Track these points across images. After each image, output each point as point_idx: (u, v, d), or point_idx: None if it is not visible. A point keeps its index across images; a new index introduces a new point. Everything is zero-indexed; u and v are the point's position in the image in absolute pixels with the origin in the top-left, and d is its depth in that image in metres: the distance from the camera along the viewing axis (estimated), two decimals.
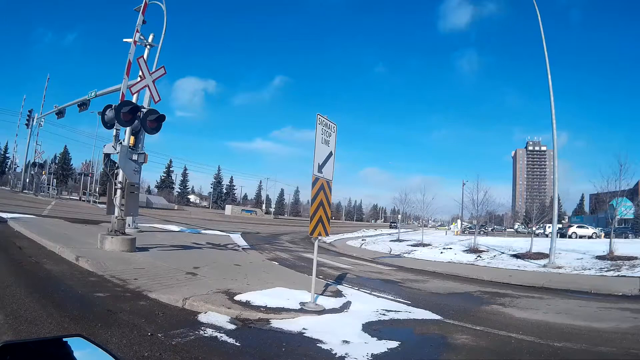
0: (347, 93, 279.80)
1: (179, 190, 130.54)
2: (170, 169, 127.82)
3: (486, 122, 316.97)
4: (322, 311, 7.99)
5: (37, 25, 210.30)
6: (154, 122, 13.27)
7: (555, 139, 21.82)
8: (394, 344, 6.33)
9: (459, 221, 69.29)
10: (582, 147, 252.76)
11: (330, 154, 8.90)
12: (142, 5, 14.26)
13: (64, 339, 1.62)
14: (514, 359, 6.11)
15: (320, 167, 8.56)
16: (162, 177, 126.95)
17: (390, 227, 54.30)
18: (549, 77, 21.46)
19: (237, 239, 26.06)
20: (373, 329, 7.22)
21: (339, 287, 11.38)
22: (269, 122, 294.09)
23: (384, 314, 8.49)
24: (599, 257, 21.36)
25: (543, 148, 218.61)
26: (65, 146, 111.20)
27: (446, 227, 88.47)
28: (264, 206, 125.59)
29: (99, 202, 55.17)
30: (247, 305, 7.72)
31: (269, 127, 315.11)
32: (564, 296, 12.77)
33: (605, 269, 18.59)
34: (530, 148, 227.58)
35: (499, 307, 10.55)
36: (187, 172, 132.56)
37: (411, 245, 33.83)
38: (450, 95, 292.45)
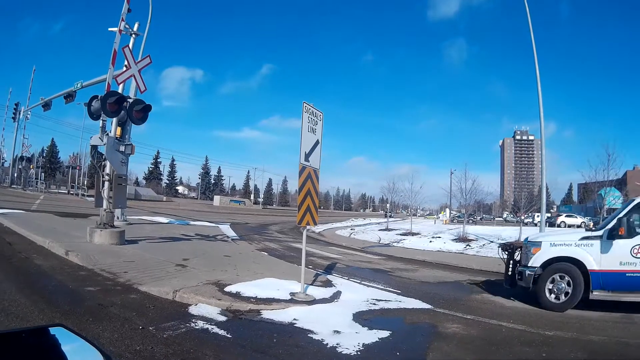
0: (335, 82, 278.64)
1: (167, 182, 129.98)
2: (158, 160, 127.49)
3: (474, 111, 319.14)
4: (313, 301, 8.01)
5: (23, 16, 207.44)
6: (140, 112, 13.19)
7: (543, 128, 21.83)
8: (384, 333, 6.36)
9: (447, 210, 69.72)
10: (570, 137, 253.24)
11: (317, 142, 8.89)
12: None
13: (45, 329, 1.61)
14: (505, 347, 6.13)
15: (307, 156, 8.55)
16: (150, 169, 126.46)
17: (386, 216, 54.23)
18: (536, 66, 21.44)
19: (226, 229, 26.02)
20: (364, 318, 7.26)
21: (329, 276, 11.41)
22: (256, 111, 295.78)
23: (374, 304, 8.53)
24: None
25: (531, 137, 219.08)
26: (53, 139, 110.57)
27: (435, 216, 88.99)
28: (252, 196, 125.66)
29: (88, 195, 54.82)
30: (237, 296, 7.73)
31: (257, 116, 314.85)
32: None
33: None
34: (518, 137, 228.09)
35: (489, 295, 10.67)
36: (174, 163, 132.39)
37: (400, 234, 33.95)
38: (438, 84, 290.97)
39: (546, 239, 9.92)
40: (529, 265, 9.59)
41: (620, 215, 9.12)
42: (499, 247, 11.57)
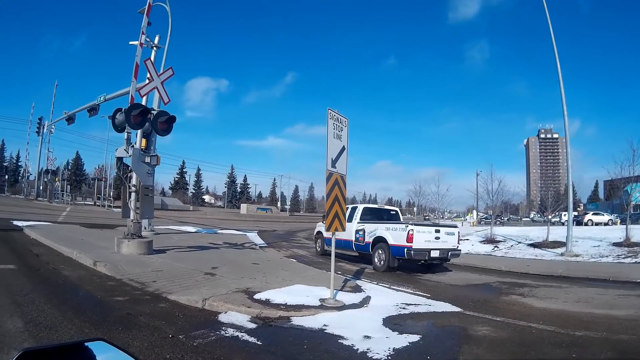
0: (359, 87, 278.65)
1: (193, 191, 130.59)
2: (184, 170, 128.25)
3: (498, 111, 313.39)
4: (342, 307, 7.95)
5: (44, 33, 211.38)
6: (165, 123, 13.24)
7: (567, 125, 21.61)
8: (415, 337, 6.29)
9: (474, 212, 68.98)
10: (594, 133, 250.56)
11: (343, 148, 8.86)
12: (146, 7, 14.20)
13: (85, 344, 1.59)
14: (535, 349, 6.02)
15: (334, 162, 8.52)
16: (176, 179, 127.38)
17: (425, 219, 53.83)
18: (558, 64, 21.31)
19: (254, 237, 26.09)
20: (393, 323, 7.19)
21: (358, 282, 11.38)
22: (281, 119, 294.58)
23: (403, 308, 8.45)
24: (616, 244, 21.12)
25: (555, 135, 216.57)
26: (77, 152, 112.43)
27: (462, 219, 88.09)
28: (279, 203, 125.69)
29: (114, 206, 55.46)
30: (267, 303, 7.69)
31: (281, 125, 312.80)
32: (582, 284, 12.78)
33: (623, 256, 18.42)
34: (542, 136, 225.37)
35: (518, 297, 10.55)
36: (200, 172, 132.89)
37: None
38: (461, 86, 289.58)
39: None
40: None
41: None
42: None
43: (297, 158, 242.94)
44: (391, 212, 19.33)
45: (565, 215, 35.45)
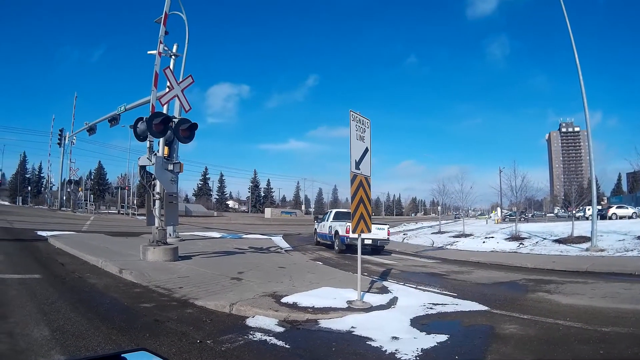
0: (380, 87, 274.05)
1: (217, 197, 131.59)
2: (207, 176, 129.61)
3: (519, 106, 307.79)
4: (370, 308, 7.91)
5: (62, 45, 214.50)
6: (187, 130, 13.28)
7: (588, 118, 21.43)
8: (442, 337, 6.26)
9: (498, 209, 68.21)
10: (616, 124, 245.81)
11: (366, 149, 8.82)
12: (163, 16, 14.27)
13: (126, 354, 1.55)
14: (562, 346, 5.94)
15: (358, 164, 8.50)
16: (199, 185, 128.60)
17: (455, 218, 53.61)
18: (576, 55, 21.05)
19: (279, 241, 26.25)
20: (421, 323, 7.18)
21: (385, 283, 11.35)
22: (303, 122, 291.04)
23: (431, 308, 8.45)
24: None
25: (577, 129, 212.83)
26: (100, 161, 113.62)
27: (486, 216, 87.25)
28: (303, 207, 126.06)
29: (138, 214, 56.08)
30: (294, 307, 7.66)
31: (304, 128, 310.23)
32: (608, 279, 12.72)
33: None
34: (563, 130, 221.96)
35: (544, 294, 10.49)
36: (223, 178, 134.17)
37: (453, 237, 33.67)
38: (481, 82, 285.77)
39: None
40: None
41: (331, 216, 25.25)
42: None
43: (320, 160, 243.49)
44: None
45: (589, 209, 34.96)
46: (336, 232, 22.22)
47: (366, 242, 20.45)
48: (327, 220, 24.82)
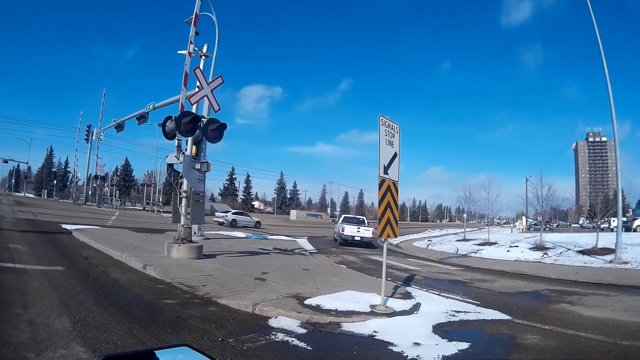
0: (413, 93, 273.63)
1: (243, 197, 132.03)
2: (233, 176, 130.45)
3: (548, 115, 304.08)
4: (392, 313, 7.90)
5: (94, 43, 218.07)
6: (215, 130, 13.35)
7: (616, 128, 20.91)
8: (464, 345, 6.24)
9: (523, 218, 67.37)
10: None
11: (395, 154, 8.81)
12: (193, 17, 14.39)
13: (168, 349, 1.57)
14: (582, 358, 5.90)
15: (386, 169, 8.50)
16: (226, 185, 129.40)
17: (487, 225, 53.28)
18: (604, 64, 20.70)
19: (304, 243, 26.37)
20: (443, 330, 7.16)
21: (408, 288, 11.31)
22: (334, 126, 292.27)
23: (453, 315, 8.41)
24: None
25: (604, 139, 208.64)
26: (126, 158, 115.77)
27: (511, 225, 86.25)
28: (328, 209, 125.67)
29: (163, 212, 56.58)
30: (317, 309, 7.66)
31: (334, 131, 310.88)
32: (631, 293, 12.54)
33: None
34: (590, 139, 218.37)
35: (567, 305, 10.37)
36: (250, 178, 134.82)
37: (477, 245, 33.26)
38: (513, 90, 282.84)
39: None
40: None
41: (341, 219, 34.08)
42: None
43: (347, 164, 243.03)
44: (359, 219, 33.60)
45: (614, 221, 34.37)
46: (338, 231, 29.86)
47: (356, 239, 28.29)
48: (337, 223, 33.23)
